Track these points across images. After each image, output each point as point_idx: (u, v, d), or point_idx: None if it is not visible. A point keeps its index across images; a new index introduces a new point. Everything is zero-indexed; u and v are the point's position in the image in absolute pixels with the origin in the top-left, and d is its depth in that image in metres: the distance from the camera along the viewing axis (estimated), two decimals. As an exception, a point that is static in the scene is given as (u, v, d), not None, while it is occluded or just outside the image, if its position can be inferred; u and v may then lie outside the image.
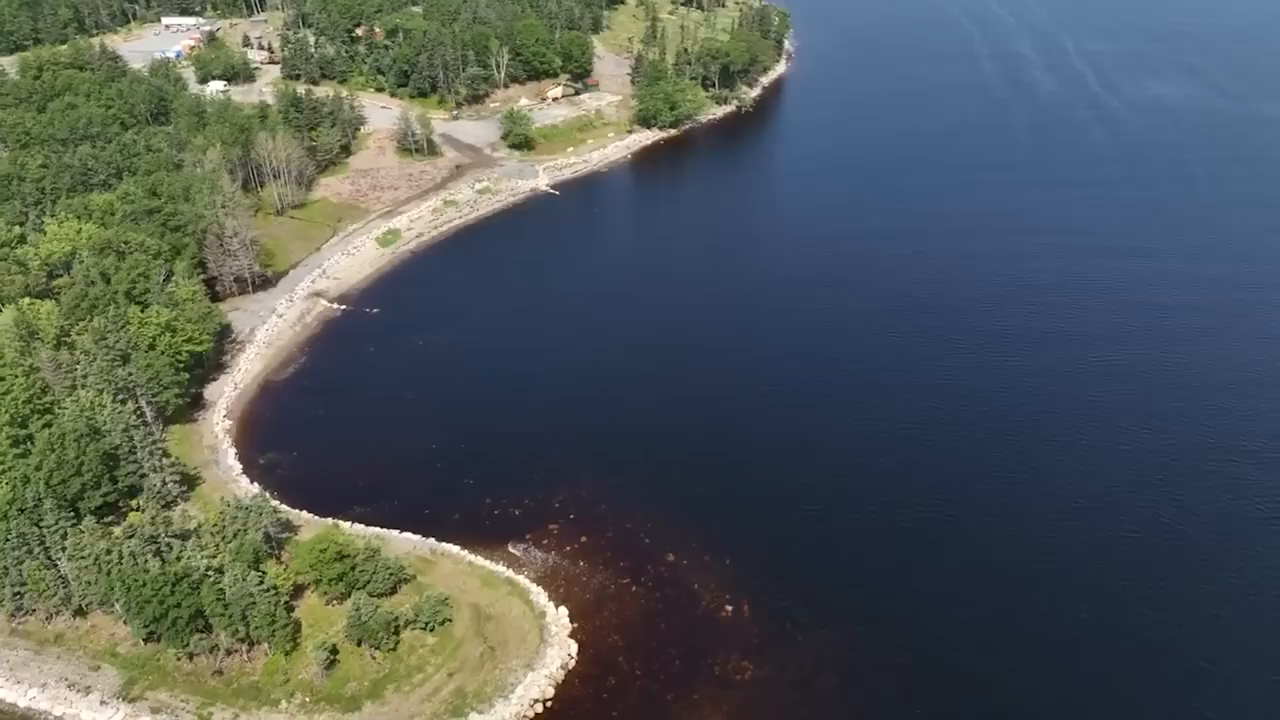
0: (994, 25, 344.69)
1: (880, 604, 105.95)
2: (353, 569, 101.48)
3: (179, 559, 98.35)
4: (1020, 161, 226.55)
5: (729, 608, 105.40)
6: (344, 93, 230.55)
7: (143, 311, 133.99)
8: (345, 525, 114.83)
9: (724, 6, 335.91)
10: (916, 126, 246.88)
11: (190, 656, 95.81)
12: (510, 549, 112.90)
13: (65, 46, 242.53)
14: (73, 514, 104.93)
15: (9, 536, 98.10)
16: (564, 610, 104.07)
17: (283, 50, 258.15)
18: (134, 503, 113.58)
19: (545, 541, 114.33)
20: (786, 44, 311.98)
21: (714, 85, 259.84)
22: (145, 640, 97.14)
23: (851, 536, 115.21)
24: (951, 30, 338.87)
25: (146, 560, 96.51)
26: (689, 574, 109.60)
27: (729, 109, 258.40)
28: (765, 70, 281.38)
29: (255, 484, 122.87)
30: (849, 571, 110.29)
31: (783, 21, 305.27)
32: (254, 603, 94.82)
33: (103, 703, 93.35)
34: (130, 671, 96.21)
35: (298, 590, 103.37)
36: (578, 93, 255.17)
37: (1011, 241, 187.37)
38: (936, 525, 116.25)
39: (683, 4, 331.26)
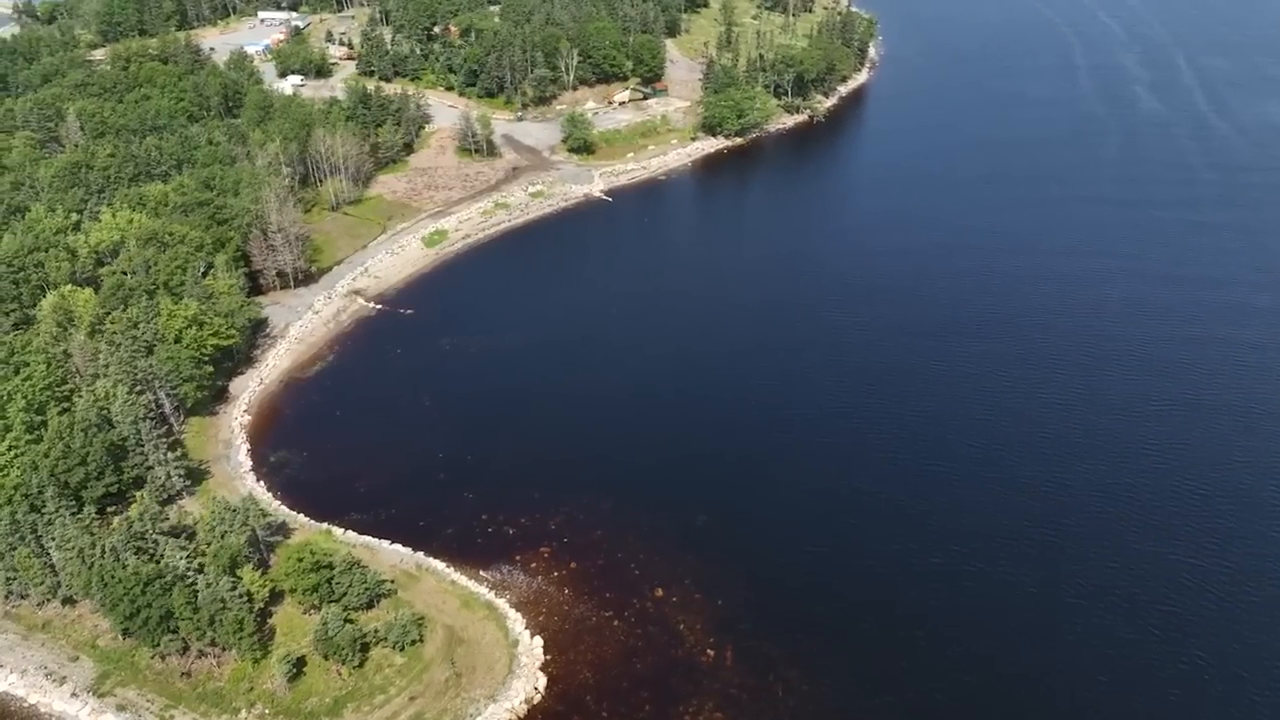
0: (1099, 37, 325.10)
1: (874, 663, 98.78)
2: (329, 580, 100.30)
3: (159, 558, 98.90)
4: (1105, 181, 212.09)
5: (711, 652, 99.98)
6: (410, 90, 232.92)
7: (174, 304, 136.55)
8: (338, 531, 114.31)
9: (810, 12, 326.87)
10: (998, 142, 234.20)
11: (163, 656, 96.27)
12: (495, 571, 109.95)
13: (154, 40, 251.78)
14: (75, 503, 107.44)
15: (4, 522, 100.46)
16: (539, 640, 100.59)
17: (361, 47, 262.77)
18: (138, 494, 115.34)
19: (534, 565, 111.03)
20: (871, 52, 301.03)
21: (787, 93, 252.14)
22: (123, 635, 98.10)
23: (855, 584, 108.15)
24: (1051, 41, 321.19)
25: (127, 557, 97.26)
26: (675, 612, 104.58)
27: (800, 118, 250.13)
28: (844, 79, 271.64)
29: (261, 482, 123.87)
30: (846, 623, 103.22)
31: (868, 28, 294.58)
32: (225, 608, 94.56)
33: (74, 695, 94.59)
34: (105, 665, 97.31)
35: (278, 597, 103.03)
36: (645, 97, 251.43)
37: (1083, 264, 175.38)
38: (952, 578, 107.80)
39: (767, 8, 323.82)
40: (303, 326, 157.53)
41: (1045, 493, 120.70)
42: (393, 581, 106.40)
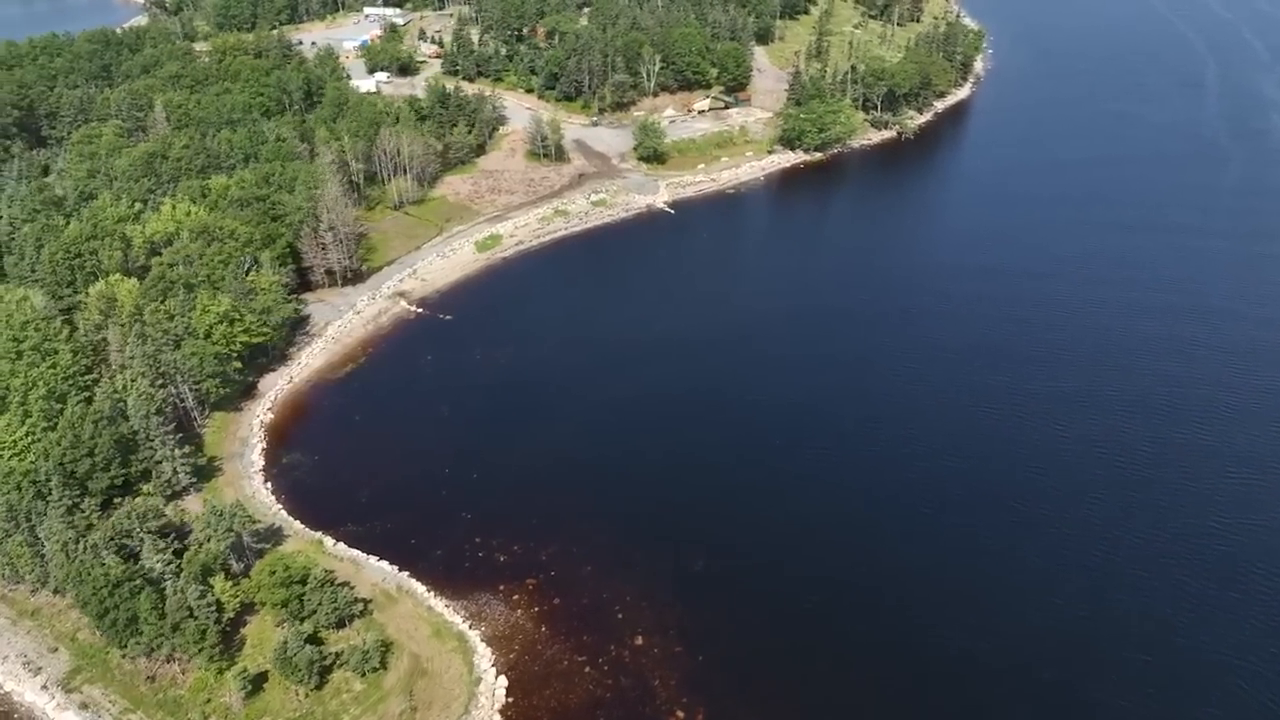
0: (1238, 57, 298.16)
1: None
2: (300, 597, 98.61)
3: (135, 560, 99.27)
4: (1218, 213, 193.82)
5: (681, 713, 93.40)
6: (487, 91, 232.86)
7: (210, 299, 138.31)
8: (329, 542, 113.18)
9: (918, 22, 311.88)
10: (1103, 166, 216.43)
11: (132, 658, 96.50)
12: (474, 600, 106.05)
13: (250, 35, 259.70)
14: (80, 493, 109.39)
15: (1, 509, 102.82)
16: (503, 680, 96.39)
17: (450, 45, 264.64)
18: (145, 488, 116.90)
19: (516, 597, 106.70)
20: (977, 65, 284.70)
21: (876, 108, 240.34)
22: (100, 632, 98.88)
23: (853, 657, 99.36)
24: (1182, 59, 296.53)
25: (106, 556, 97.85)
26: (652, 664, 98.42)
27: (888, 135, 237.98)
28: (941, 94, 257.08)
29: (268, 484, 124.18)
30: (835, 702, 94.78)
31: (974, 42, 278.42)
32: (191, 616, 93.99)
33: (44, 688, 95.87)
34: (79, 661, 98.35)
35: (254, 606, 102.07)
36: (727, 106, 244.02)
37: (1179, 301, 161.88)
38: (963, 660, 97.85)
39: (871, 17, 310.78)
40: (341, 326, 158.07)
41: (1091, 566, 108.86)
42: (370, 601, 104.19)
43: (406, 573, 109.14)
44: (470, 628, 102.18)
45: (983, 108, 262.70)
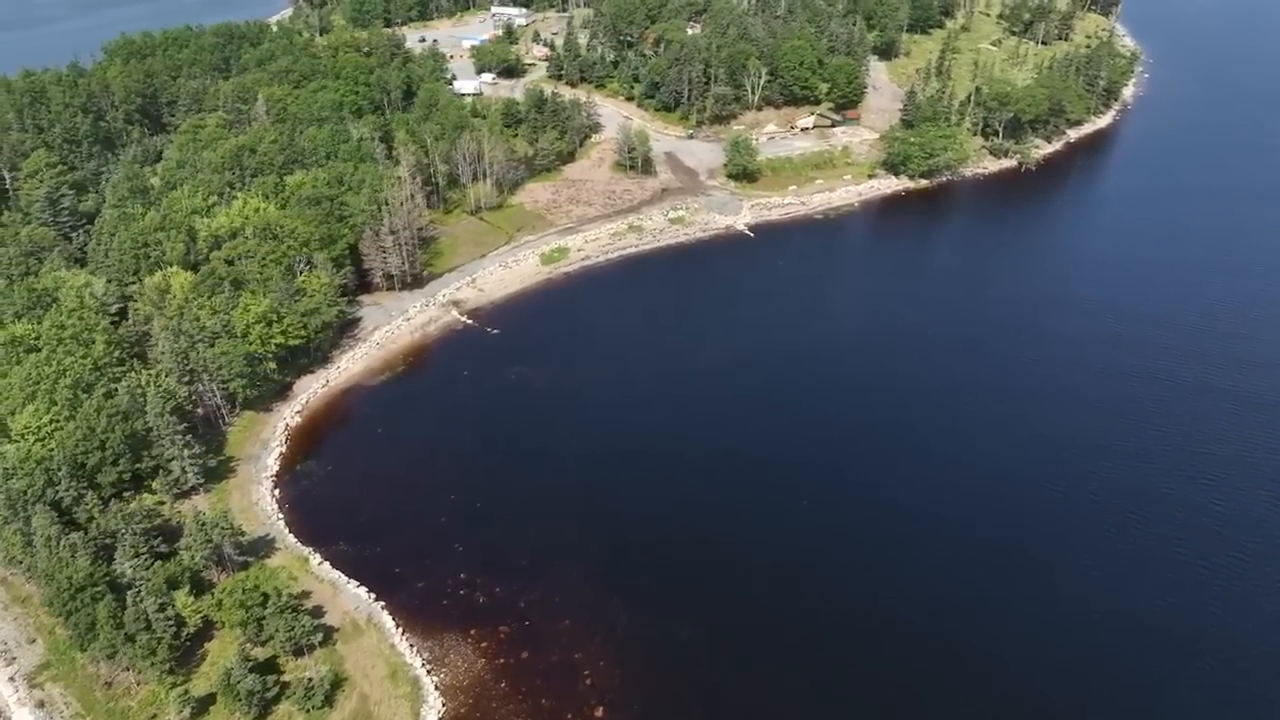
0: None
1: None
2: (259, 620, 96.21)
3: (107, 564, 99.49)
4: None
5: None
6: (584, 97, 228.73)
7: (253, 298, 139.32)
8: (314, 561, 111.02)
9: (1066, 40, 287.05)
10: (1256, 223, 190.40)
11: (96, 660, 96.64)
12: (440, 643, 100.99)
13: (365, 32, 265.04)
14: (86, 485, 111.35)
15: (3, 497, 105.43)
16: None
17: (560, 49, 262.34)
18: (152, 484, 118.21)
19: (485, 644, 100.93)
20: (1126, 91, 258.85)
21: (997, 134, 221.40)
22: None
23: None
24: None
25: (80, 556, 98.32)
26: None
27: (1007, 164, 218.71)
28: (1076, 122, 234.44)
29: (276, 490, 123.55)
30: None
31: (1122, 66, 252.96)
32: (148, 628, 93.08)
33: (10, 679, 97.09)
34: (51, 656, 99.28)
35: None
36: (834, 124, 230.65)
37: None
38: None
39: (1014, 33, 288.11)
40: (388, 332, 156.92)
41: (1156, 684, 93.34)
42: (337, 630, 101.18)
43: (381, 603, 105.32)
44: (429, 673, 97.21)
45: (1123, 138, 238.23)
